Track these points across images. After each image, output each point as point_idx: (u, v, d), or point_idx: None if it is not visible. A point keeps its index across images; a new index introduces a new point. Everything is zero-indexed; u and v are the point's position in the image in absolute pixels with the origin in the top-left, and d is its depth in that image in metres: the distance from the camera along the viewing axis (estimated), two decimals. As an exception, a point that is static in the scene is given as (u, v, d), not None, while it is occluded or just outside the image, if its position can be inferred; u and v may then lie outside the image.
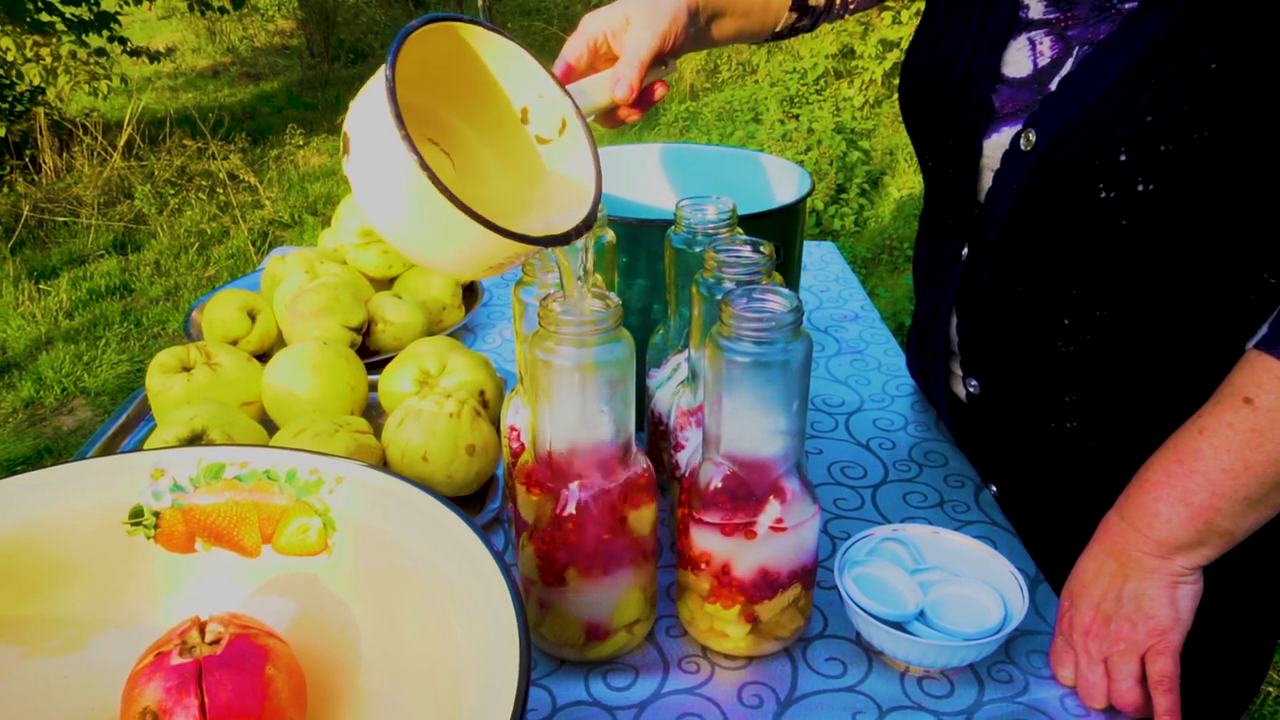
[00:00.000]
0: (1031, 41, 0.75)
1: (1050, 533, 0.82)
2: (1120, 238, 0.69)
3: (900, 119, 5.12)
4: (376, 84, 0.51)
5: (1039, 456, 0.84)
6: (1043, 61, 0.74)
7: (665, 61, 0.76)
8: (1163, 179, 0.65)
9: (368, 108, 0.52)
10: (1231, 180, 0.64)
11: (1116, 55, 0.67)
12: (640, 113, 0.75)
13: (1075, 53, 0.72)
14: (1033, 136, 0.72)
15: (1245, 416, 0.61)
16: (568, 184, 0.61)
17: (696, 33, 0.79)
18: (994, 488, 0.90)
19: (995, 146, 0.76)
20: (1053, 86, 0.72)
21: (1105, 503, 0.70)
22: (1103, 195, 0.68)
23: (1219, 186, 0.65)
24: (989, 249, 0.79)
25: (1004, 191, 0.75)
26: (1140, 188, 0.66)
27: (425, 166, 0.49)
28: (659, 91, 0.76)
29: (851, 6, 0.93)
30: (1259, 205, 0.66)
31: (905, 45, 5.08)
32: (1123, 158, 0.66)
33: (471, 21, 0.57)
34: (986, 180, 0.78)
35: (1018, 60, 0.76)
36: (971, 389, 0.88)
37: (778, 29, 0.90)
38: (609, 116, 0.74)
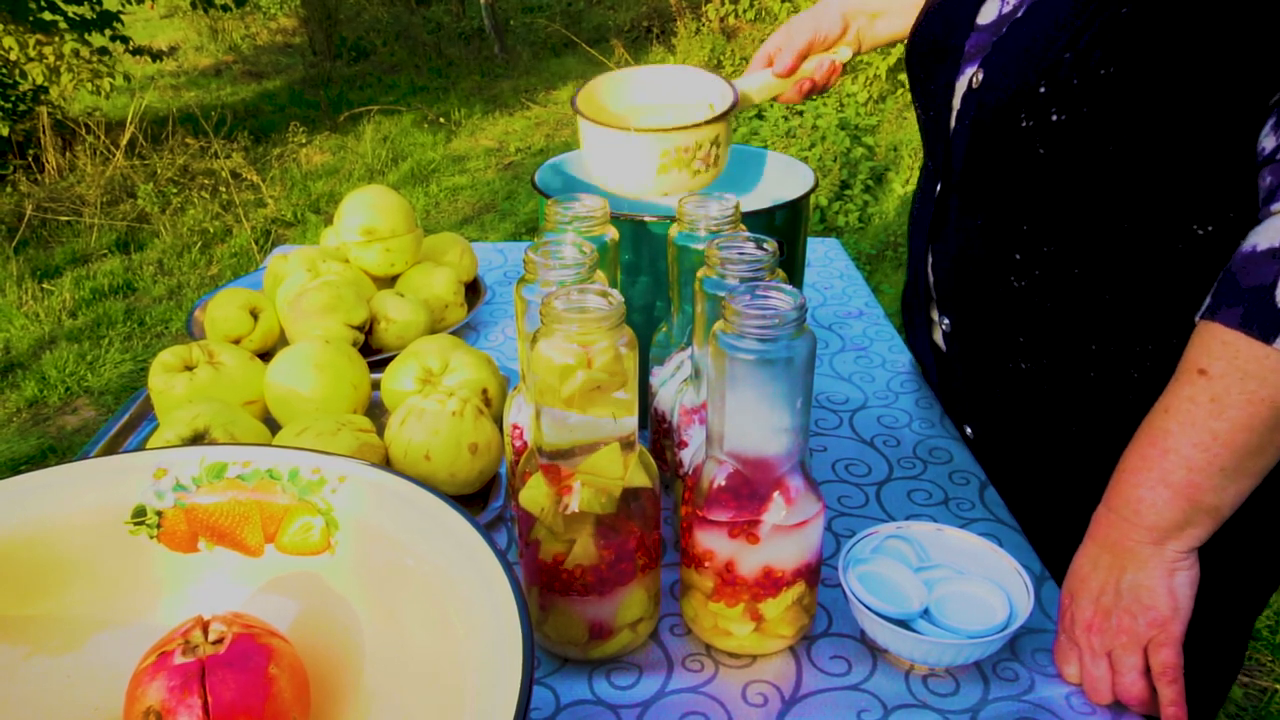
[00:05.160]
0: None
1: (1053, 525, 0.82)
2: (1043, 167, 0.76)
3: (902, 116, 5.11)
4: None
5: (1003, 397, 0.89)
6: (1005, 9, 0.82)
7: (837, 52, 0.99)
8: (1071, 110, 0.72)
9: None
10: (1131, 117, 0.70)
11: (1058, 1, 0.74)
12: (818, 90, 0.99)
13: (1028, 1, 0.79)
14: (980, 75, 0.80)
15: (1203, 388, 0.62)
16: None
17: (860, 30, 1.00)
18: (970, 430, 0.95)
19: (960, 87, 0.84)
20: (1005, 30, 0.79)
21: (1067, 452, 0.78)
22: (1023, 124, 0.75)
23: (1120, 122, 0.70)
24: (954, 183, 0.86)
25: (961, 127, 0.83)
26: (1054, 117, 0.73)
27: (583, 113, 0.86)
28: (829, 69, 0.97)
29: None
30: (1165, 150, 0.70)
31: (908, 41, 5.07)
32: (1041, 89, 0.73)
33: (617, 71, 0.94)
34: (955, 119, 0.85)
35: (989, 9, 0.84)
36: (945, 328, 0.93)
37: None
38: (782, 93, 0.98)
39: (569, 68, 6.92)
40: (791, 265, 0.92)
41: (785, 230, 0.88)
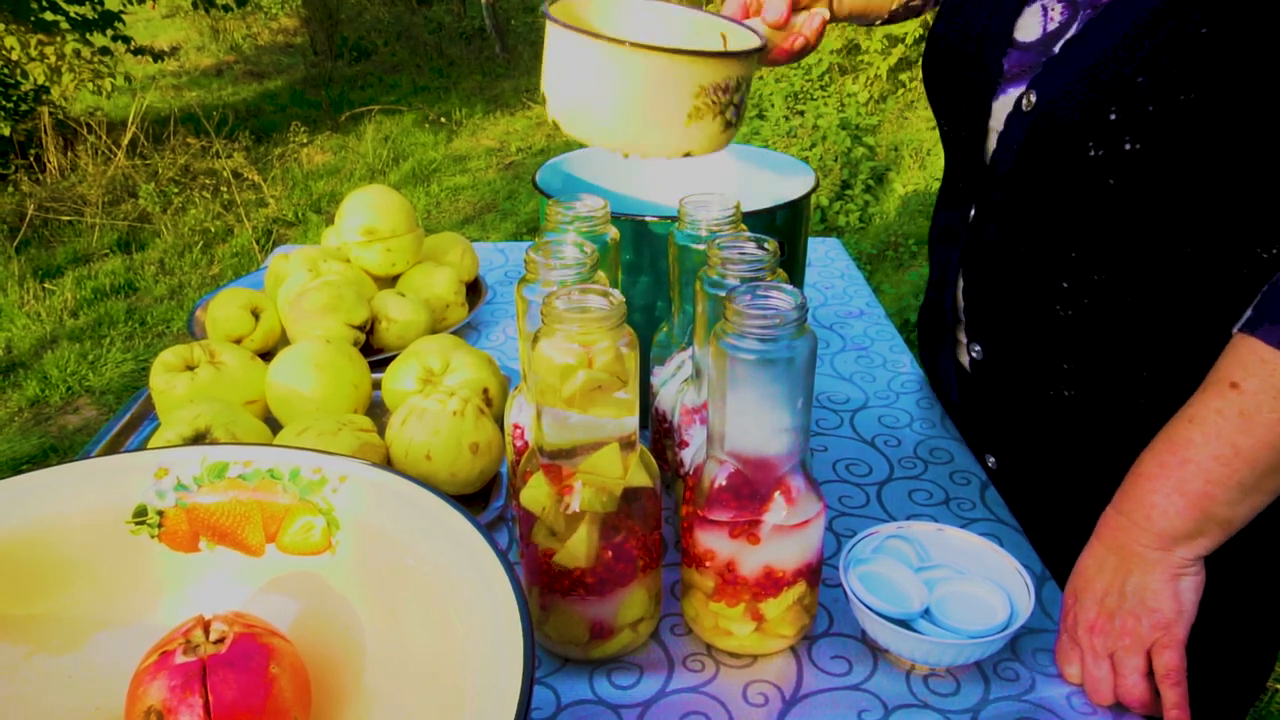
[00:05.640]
0: (1044, 8, 0.77)
1: (1055, 526, 0.82)
2: (1109, 197, 0.71)
3: (903, 116, 5.09)
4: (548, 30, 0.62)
5: (1037, 425, 0.86)
6: (1051, 26, 0.76)
7: (809, 6, 0.83)
8: (1148, 139, 0.67)
9: (546, 53, 0.62)
10: (1213, 144, 0.66)
11: (1119, 19, 0.69)
12: (809, 47, 0.83)
13: (1080, 16, 0.74)
14: (1033, 97, 0.74)
15: (1232, 401, 0.61)
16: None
17: None
18: (992, 460, 0.91)
19: (1001, 108, 0.79)
20: (1057, 49, 0.74)
21: (1101, 479, 0.70)
22: (1092, 153, 0.70)
23: (1201, 149, 0.66)
24: (994, 209, 0.81)
25: (1006, 151, 0.78)
26: (1127, 147, 0.68)
27: (584, 30, 0.59)
28: (819, 24, 0.82)
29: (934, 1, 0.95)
30: (1243, 175, 0.67)
31: (910, 40, 5.07)
32: (1112, 116, 0.68)
33: None
34: (993, 142, 0.81)
35: (1029, 25, 0.78)
36: (975, 355, 0.89)
37: (893, 7, 0.93)
38: (772, 50, 0.80)
39: (570, 67, 6.91)
40: (792, 265, 0.92)
41: (786, 230, 0.88)
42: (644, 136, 0.63)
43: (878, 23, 0.96)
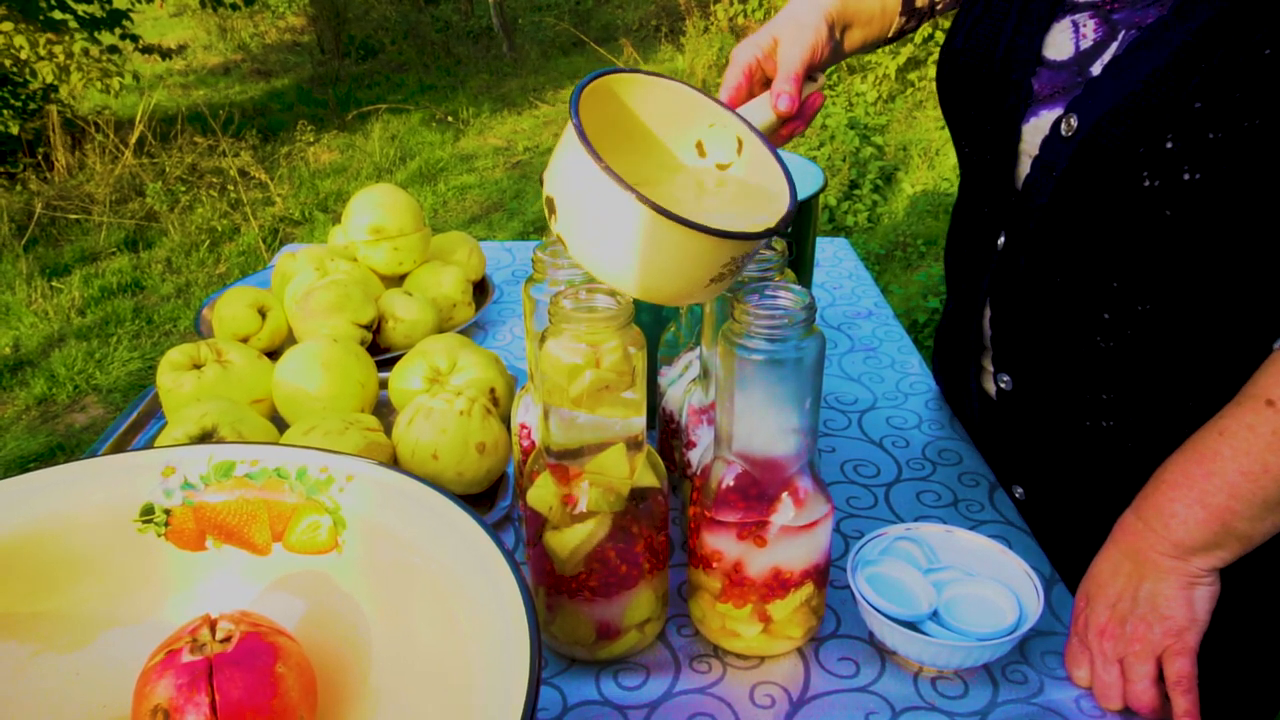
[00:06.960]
0: (1075, 24, 0.74)
1: (1072, 534, 0.81)
2: (1164, 228, 0.68)
3: (912, 116, 5.06)
4: (569, 138, 0.54)
5: (1071, 456, 0.83)
6: (1085, 44, 0.72)
7: (814, 75, 0.77)
8: (1210, 168, 0.64)
9: (565, 163, 0.55)
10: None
11: (1166, 39, 0.66)
12: (804, 126, 0.76)
13: (1121, 37, 0.70)
14: (1074, 121, 0.70)
15: (1267, 419, 0.61)
16: (760, 191, 0.63)
17: (835, 45, 0.80)
18: (1020, 490, 0.88)
19: (1034, 131, 0.75)
20: (1095, 70, 0.71)
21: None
22: (1146, 184, 0.66)
23: (1269, 176, 0.63)
24: (1027, 237, 0.77)
25: (1043, 178, 0.74)
26: (1186, 176, 0.65)
27: (635, 191, 0.52)
28: (817, 102, 0.76)
29: (940, 7, 0.92)
30: None
31: (919, 39, 5.06)
32: (1169, 145, 0.64)
33: (629, 71, 0.61)
34: (1024, 166, 0.77)
35: (1059, 42, 0.74)
36: (1003, 385, 0.86)
37: (889, 35, 0.90)
38: (773, 135, 0.74)
39: (577, 67, 6.92)
40: (800, 265, 0.92)
41: (794, 230, 0.88)
42: (657, 289, 0.58)
43: (878, 49, 0.92)
